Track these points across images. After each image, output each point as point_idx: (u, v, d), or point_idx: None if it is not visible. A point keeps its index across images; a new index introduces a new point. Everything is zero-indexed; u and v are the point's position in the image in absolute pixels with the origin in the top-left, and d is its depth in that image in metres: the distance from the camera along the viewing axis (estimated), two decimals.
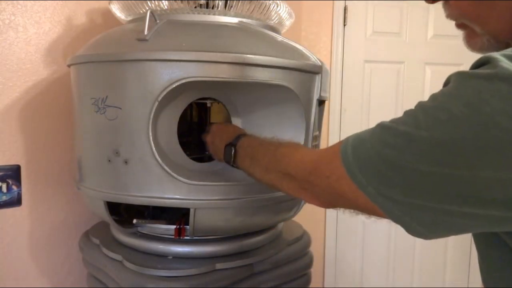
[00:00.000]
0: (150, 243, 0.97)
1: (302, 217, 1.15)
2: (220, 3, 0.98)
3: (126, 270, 0.92)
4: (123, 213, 1.02)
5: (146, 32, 0.85)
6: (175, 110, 0.90)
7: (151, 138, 0.84)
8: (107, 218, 0.94)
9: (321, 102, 1.01)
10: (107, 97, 0.86)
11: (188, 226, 0.90)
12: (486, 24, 0.49)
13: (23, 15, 1.15)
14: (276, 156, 0.66)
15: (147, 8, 0.97)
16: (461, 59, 1.94)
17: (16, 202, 1.17)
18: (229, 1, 0.98)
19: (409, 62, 1.95)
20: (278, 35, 1.01)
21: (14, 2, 1.14)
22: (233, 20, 0.97)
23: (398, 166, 0.42)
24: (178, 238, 0.94)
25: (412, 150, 0.41)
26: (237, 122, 0.98)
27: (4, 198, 1.15)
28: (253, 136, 0.81)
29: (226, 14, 0.97)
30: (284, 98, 0.92)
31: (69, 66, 0.99)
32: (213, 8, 0.99)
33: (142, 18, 0.96)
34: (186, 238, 0.95)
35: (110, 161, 0.88)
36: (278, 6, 1.04)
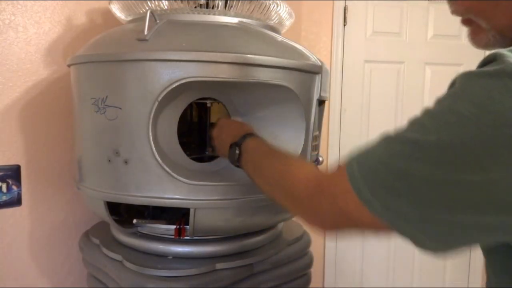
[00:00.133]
0: (150, 243, 0.97)
1: None
2: (220, 3, 0.98)
3: (126, 270, 0.92)
4: (123, 213, 1.02)
5: (146, 32, 0.85)
6: (175, 110, 0.90)
7: (151, 138, 0.84)
8: (107, 218, 0.94)
9: (321, 102, 1.02)
10: (107, 97, 0.86)
11: (188, 226, 0.90)
12: (492, 18, 0.48)
13: (23, 15, 1.16)
14: (280, 172, 0.63)
15: (147, 8, 0.97)
16: (461, 59, 1.95)
17: (16, 202, 1.17)
18: (229, 1, 0.98)
19: (409, 62, 1.95)
20: (278, 35, 1.01)
21: (14, 2, 1.14)
22: (233, 20, 0.97)
23: (406, 175, 0.40)
24: (178, 238, 0.94)
25: (420, 156, 0.39)
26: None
27: (4, 198, 1.15)
28: (259, 139, 0.77)
29: (226, 14, 0.97)
30: (284, 98, 0.92)
31: (69, 66, 0.99)
32: (213, 8, 0.99)
33: (142, 18, 0.96)
34: (186, 238, 0.94)
35: (110, 161, 0.88)
36: (278, 6, 1.04)
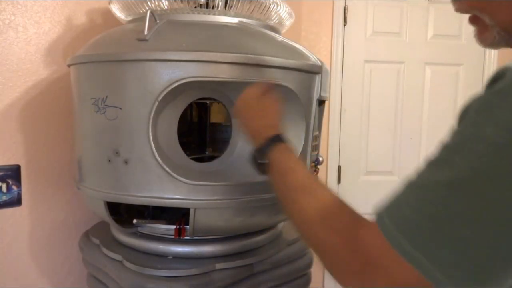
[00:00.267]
0: (150, 243, 0.97)
1: None
2: (220, 3, 0.98)
3: (126, 270, 0.92)
4: (123, 213, 1.01)
5: (146, 32, 0.85)
6: (175, 110, 0.90)
7: (151, 138, 0.84)
8: (107, 218, 0.94)
9: (321, 102, 1.02)
10: (107, 97, 0.86)
11: (188, 226, 0.90)
12: (496, 14, 0.48)
13: (23, 15, 1.15)
14: (305, 217, 0.52)
15: (147, 8, 0.97)
16: (461, 59, 1.95)
17: (16, 202, 1.17)
18: (229, 1, 0.98)
19: (409, 62, 1.95)
20: (278, 35, 1.01)
21: (14, 2, 1.14)
22: (233, 20, 0.97)
23: (447, 221, 0.36)
24: (178, 238, 0.94)
25: (459, 197, 0.36)
26: (237, 122, 0.98)
27: (4, 198, 1.15)
28: (287, 154, 0.65)
29: (226, 14, 0.97)
30: (284, 98, 0.92)
31: (69, 66, 0.99)
32: (213, 8, 0.99)
33: (142, 18, 0.96)
34: (186, 238, 0.94)
35: (110, 161, 0.88)
36: (278, 6, 1.04)
